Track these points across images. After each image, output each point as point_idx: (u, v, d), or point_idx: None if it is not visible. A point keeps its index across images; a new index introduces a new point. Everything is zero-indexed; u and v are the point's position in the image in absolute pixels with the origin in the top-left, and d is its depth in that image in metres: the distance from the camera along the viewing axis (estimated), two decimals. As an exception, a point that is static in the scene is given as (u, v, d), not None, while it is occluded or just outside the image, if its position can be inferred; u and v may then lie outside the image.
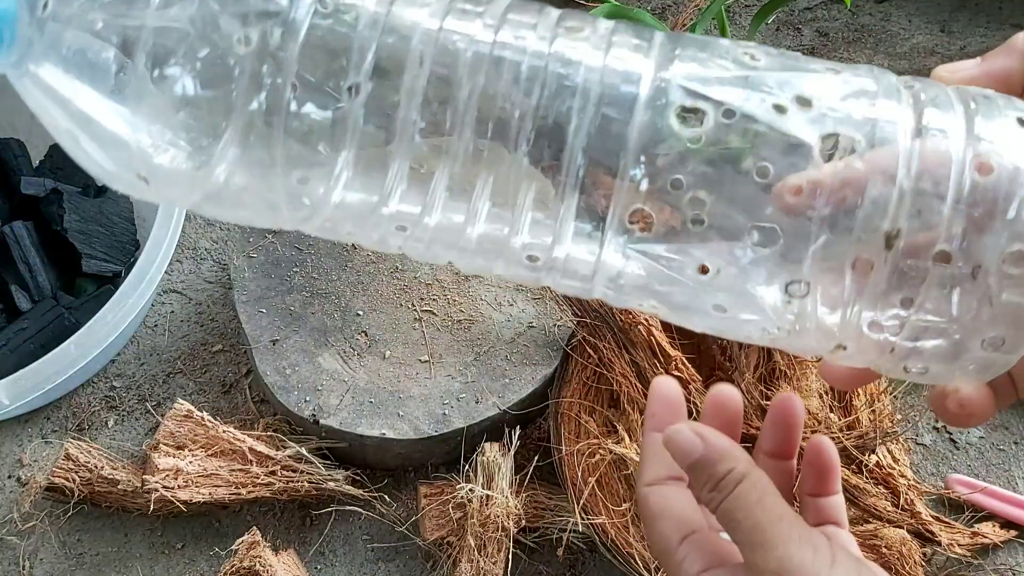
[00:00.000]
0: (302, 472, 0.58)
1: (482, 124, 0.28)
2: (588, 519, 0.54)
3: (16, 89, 0.31)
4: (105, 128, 0.30)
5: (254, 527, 0.56)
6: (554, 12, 0.29)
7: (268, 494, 0.58)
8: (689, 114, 0.27)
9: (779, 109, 0.27)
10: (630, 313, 0.58)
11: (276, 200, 0.29)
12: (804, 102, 0.28)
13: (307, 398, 0.58)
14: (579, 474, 0.55)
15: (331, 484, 0.58)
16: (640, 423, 0.56)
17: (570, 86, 0.28)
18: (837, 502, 0.36)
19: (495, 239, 0.29)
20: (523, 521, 0.56)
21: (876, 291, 0.27)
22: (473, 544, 0.55)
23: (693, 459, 0.32)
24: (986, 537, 0.58)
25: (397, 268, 0.63)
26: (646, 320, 0.58)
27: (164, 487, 0.55)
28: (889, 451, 0.59)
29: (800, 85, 0.28)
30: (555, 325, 0.61)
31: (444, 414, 0.58)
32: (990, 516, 0.59)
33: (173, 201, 0.31)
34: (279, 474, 0.58)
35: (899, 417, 0.62)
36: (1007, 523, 0.59)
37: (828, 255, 0.27)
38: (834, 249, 0.27)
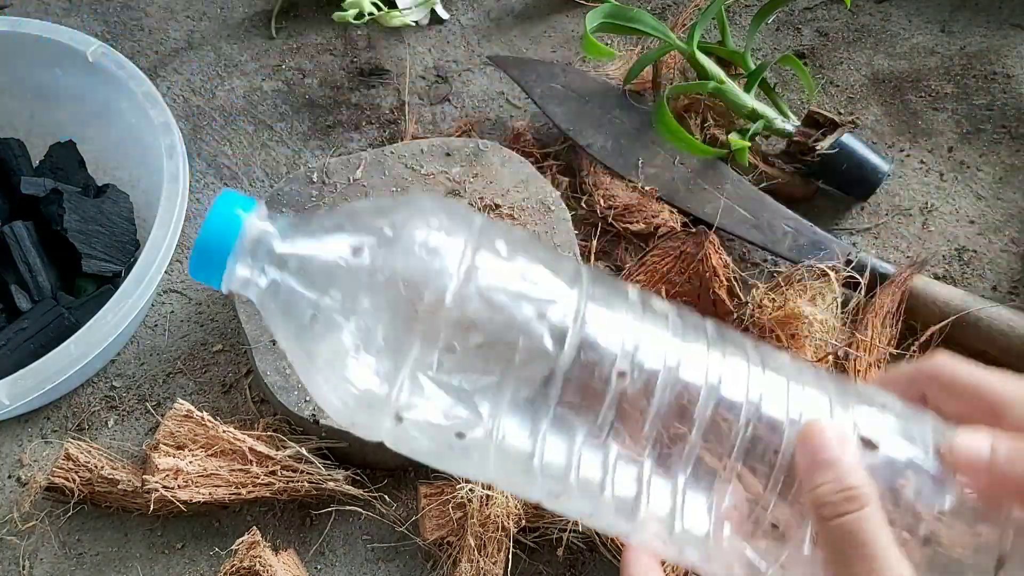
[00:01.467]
0: (302, 472, 0.58)
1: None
2: (588, 519, 0.54)
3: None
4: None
5: (254, 527, 0.56)
6: (765, 351, 0.36)
7: (268, 494, 0.58)
8: (867, 444, 0.33)
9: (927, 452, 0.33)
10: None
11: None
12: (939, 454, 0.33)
13: (307, 398, 0.58)
14: (579, 474, 0.55)
15: (331, 484, 0.58)
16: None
17: (774, 422, 0.33)
18: None
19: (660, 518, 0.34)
20: (523, 521, 0.56)
21: None
22: (473, 544, 0.55)
23: (834, 457, 0.31)
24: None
25: (397, 268, 0.63)
26: (646, 320, 0.58)
27: (164, 487, 0.55)
28: (889, 451, 0.59)
29: (934, 437, 0.34)
30: (555, 325, 0.61)
31: (444, 414, 0.58)
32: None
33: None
34: (279, 474, 0.58)
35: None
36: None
37: None
38: None
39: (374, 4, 0.83)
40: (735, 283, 0.63)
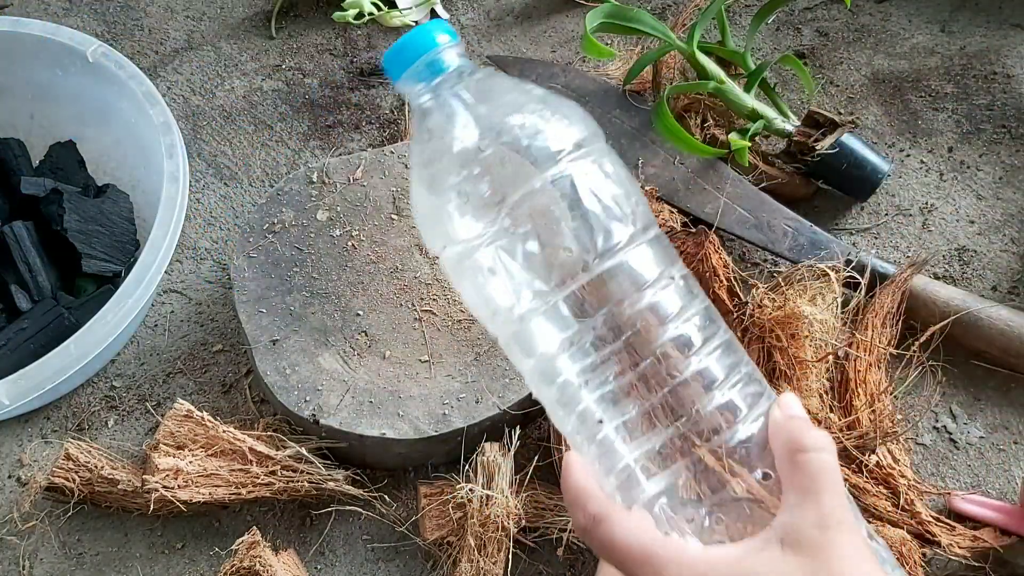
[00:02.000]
0: (302, 472, 0.58)
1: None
2: (588, 519, 0.54)
3: (413, 104, 0.43)
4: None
5: (254, 527, 0.56)
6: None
7: (268, 494, 0.58)
8: None
9: None
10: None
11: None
12: None
13: (307, 398, 0.58)
14: (579, 474, 0.55)
15: (331, 484, 0.58)
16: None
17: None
18: None
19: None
20: (523, 521, 0.56)
21: None
22: (473, 544, 0.55)
23: (806, 416, 0.38)
24: (986, 541, 0.58)
25: (397, 268, 0.63)
26: (646, 320, 0.58)
27: (164, 487, 0.55)
28: (889, 451, 0.59)
29: None
30: (555, 325, 0.61)
31: (444, 414, 0.58)
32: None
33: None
34: (279, 474, 0.58)
35: (899, 417, 0.62)
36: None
37: None
38: None
39: (374, 4, 0.83)
40: (735, 283, 0.63)
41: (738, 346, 0.41)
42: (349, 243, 0.64)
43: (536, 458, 0.58)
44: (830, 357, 0.60)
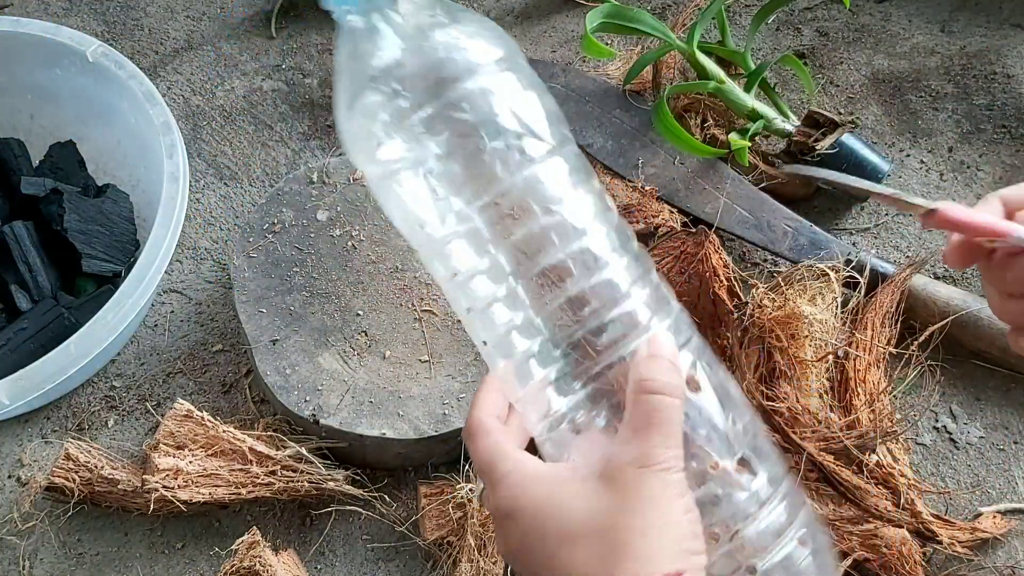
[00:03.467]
0: (302, 472, 0.58)
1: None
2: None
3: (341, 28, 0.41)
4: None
5: (254, 527, 0.56)
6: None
7: (268, 494, 0.58)
8: (692, 383, 0.39)
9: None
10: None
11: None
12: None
13: (307, 398, 0.58)
14: (579, 474, 0.55)
15: (331, 484, 0.58)
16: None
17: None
18: None
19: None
20: (523, 521, 0.56)
21: None
22: (473, 544, 0.55)
23: (670, 357, 0.37)
24: (985, 531, 0.58)
25: (397, 268, 0.63)
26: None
27: (164, 487, 0.55)
28: (889, 451, 0.59)
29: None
30: (555, 325, 0.61)
31: (444, 414, 0.58)
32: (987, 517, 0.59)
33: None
34: (279, 474, 0.58)
35: (899, 417, 0.62)
36: (1005, 503, 0.59)
37: None
38: None
39: (374, 4, 0.83)
40: (735, 283, 0.63)
41: (646, 264, 0.41)
42: (349, 243, 0.64)
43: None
44: (830, 357, 0.60)
